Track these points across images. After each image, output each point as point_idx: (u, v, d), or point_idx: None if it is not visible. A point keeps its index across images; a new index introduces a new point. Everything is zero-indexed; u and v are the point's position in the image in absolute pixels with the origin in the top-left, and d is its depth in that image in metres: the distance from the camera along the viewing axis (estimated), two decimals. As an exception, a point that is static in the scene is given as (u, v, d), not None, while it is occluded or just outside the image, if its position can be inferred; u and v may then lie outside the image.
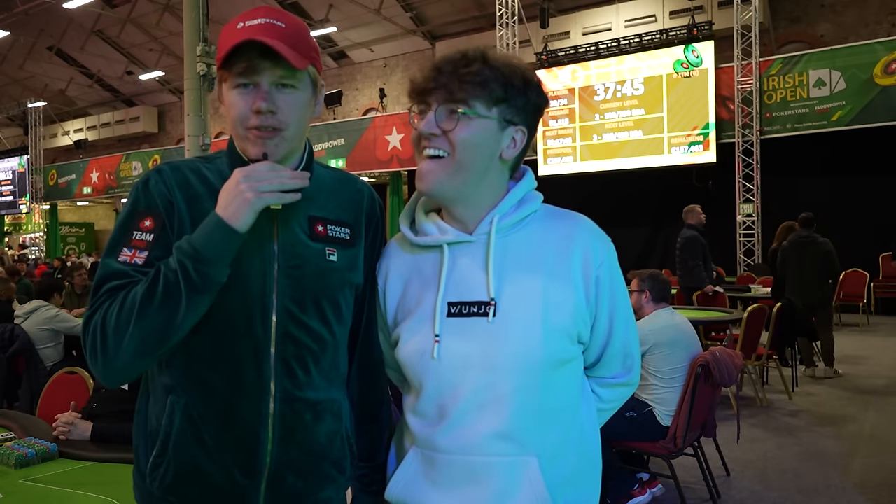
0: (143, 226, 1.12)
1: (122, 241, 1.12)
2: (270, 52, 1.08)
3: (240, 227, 1.04)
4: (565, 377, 1.17)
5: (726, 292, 7.10)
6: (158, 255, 1.10)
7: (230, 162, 1.19)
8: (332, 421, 1.20)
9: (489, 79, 1.11)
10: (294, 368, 1.15)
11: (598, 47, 12.19)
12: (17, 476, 1.84)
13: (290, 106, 1.12)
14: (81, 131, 22.69)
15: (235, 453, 1.12)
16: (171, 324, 1.04)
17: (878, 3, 11.94)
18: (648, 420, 3.27)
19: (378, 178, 15.78)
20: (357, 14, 15.84)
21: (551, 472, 1.13)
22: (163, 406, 1.14)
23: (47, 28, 18.87)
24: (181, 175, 1.16)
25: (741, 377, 5.67)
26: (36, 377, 4.59)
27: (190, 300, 1.04)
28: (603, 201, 11.37)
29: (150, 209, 1.13)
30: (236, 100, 1.11)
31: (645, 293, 3.60)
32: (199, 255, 1.03)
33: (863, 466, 4.01)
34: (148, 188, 1.14)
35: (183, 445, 1.12)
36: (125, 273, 1.09)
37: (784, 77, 10.77)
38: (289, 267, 1.15)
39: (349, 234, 1.22)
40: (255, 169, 1.07)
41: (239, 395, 1.12)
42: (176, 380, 1.14)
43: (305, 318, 1.16)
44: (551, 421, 1.14)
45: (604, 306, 1.17)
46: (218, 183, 1.15)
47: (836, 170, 10.29)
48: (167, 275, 1.04)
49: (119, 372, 1.07)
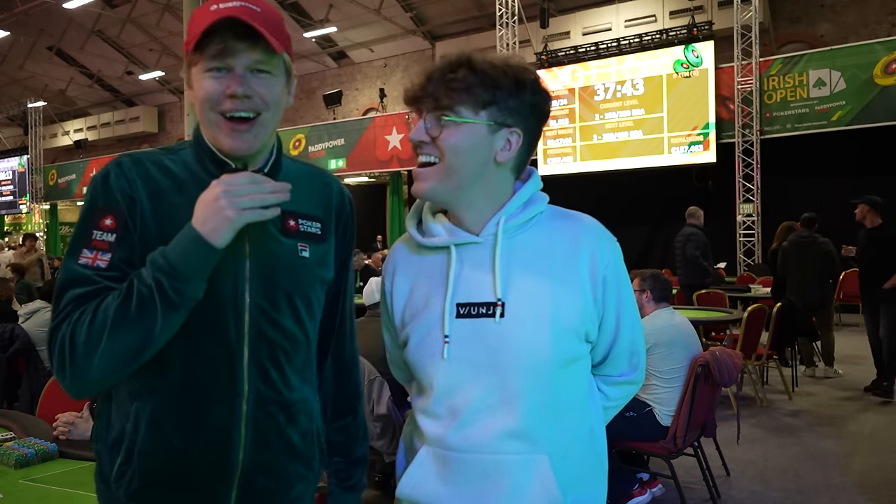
0: (104, 225, 1.05)
1: (82, 241, 1.05)
2: (248, 33, 1.04)
3: (219, 244, 1.00)
4: (574, 375, 1.18)
5: (726, 292, 7.10)
6: (123, 256, 1.05)
7: (196, 153, 1.14)
8: (305, 421, 1.18)
9: (473, 84, 1.11)
10: (268, 369, 1.12)
11: (598, 47, 12.20)
12: (17, 476, 1.84)
13: (267, 91, 1.08)
14: (81, 131, 22.69)
15: (206, 457, 1.09)
16: (146, 340, 1.00)
17: (878, 3, 11.94)
18: (648, 420, 3.27)
19: (378, 178, 15.79)
20: (357, 14, 15.83)
21: (562, 471, 1.13)
22: (127, 412, 1.09)
23: (47, 28, 18.86)
24: (143, 168, 1.10)
25: (741, 377, 5.67)
26: (36, 377, 4.58)
27: (166, 317, 0.99)
28: (603, 201, 11.35)
29: (111, 206, 1.06)
30: (208, 84, 1.06)
31: (646, 293, 3.60)
32: (176, 272, 0.99)
33: (863, 466, 4.01)
34: (107, 183, 1.07)
35: (149, 453, 1.07)
36: (89, 278, 1.03)
37: (784, 77, 10.77)
38: (261, 265, 1.11)
39: (320, 228, 1.19)
40: (236, 182, 1.01)
41: (211, 398, 1.08)
42: (143, 385, 1.08)
43: (279, 316, 1.12)
44: (561, 419, 1.15)
45: (611, 306, 1.18)
46: (182, 174, 1.11)
47: (836, 170, 10.28)
48: (141, 290, 0.99)
49: (88, 386, 1.03)
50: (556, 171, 12.55)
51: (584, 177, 12.28)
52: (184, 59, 1.12)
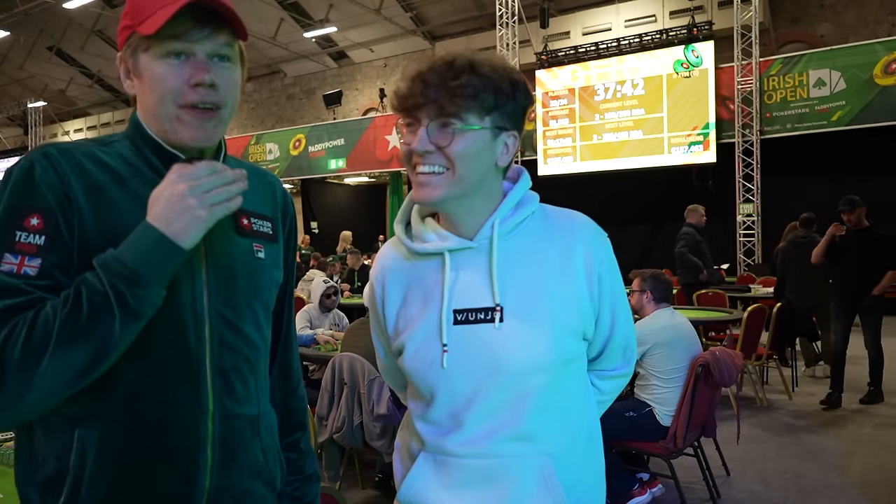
0: (29, 225, 0.90)
1: (3, 244, 0.89)
2: (211, 17, 0.95)
3: (188, 246, 0.90)
4: (573, 374, 1.17)
5: (726, 292, 7.10)
6: (55, 261, 0.91)
7: (135, 146, 1.02)
8: (267, 436, 1.10)
9: (480, 89, 1.07)
10: (232, 381, 1.02)
11: (598, 47, 12.21)
12: (16, 476, 1.83)
13: (230, 81, 1.00)
14: (81, 131, 22.70)
15: (168, 486, 0.96)
16: (98, 355, 0.87)
17: (878, 3, 11.95)
18: (648, 420, 3.27)
19: (378, 178, 15.80)
20: (357, 14, 15.84)
21: (564, 471, 1.13)
22: (67, 443, 0.93)
23: (47, 28, 18.86)
24: (74, 160, 0.96)
25: (741, 377, 5.66)
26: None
27: (124, 328, 0.87)
28: (603, 201, 11.36)
29: (36, 204, 0.91)
30: (165, 72, 0.96)
31: (646, 293, 3.60)
32: (137, 277, 0.87)
33: (863, 466, 4.01)
34: (32, 178, 0.92)
35: (99, 488, 0.93)
36: (16, 288, 0.88)
37: (784, 77, 10.77)
38: (219, 267, 1.02)
39: (271, 228, 1.12)
40: (198, 174, 0.91)
41: (172, 417, 0.96)
42: (86, 409, 0.93)
43: (240, 323, 1.03)
44: (563, 419, 1.14)
45: (606, 302, 1.18)
46: (122, 169, 0.99)
47: (836, 170, 10.28)
48: (93, 299, 0.86)
49: (21, 413, 0.88)
50: (556, 171, 12.56)
51: (584, 177, 12.28)
52: (121, 42, 1.01)
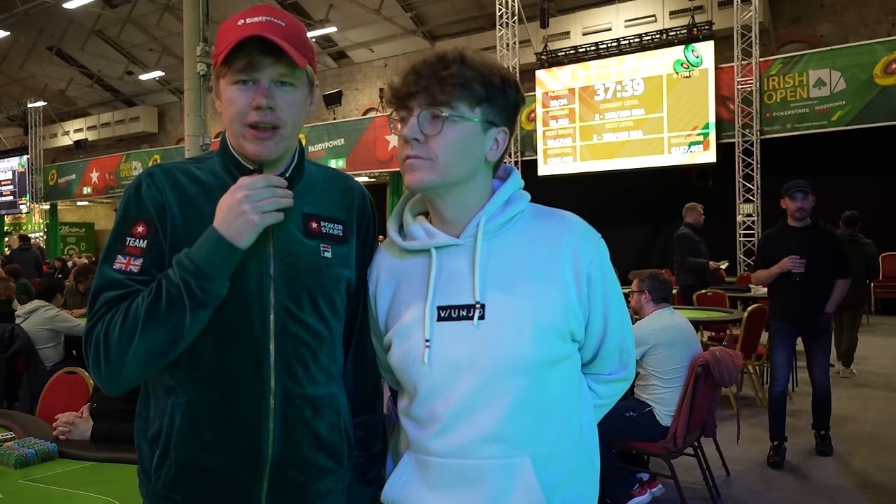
0: (136, 232, 1.14)
1: (117, 248, 1.14)
2: (271, 49, 1.10)
3: (242, 246, 1.07)
4: (560, 376, 1.16)
5: (726, 292, 7.10)
6: (153, 260, 1.13)
7: (223, 161, 1.21)
8: (332, 415, 1.22)
9: (470, 79, 1.10)
10: (293, 365, 1.17)
11: (598, 47, 12.20)
12: (17, 476, 1.84)
13: (289, 104, 1.15)
14: (81, 131, 22.67)
15: (237, 450, 1.14)
16: (175, 337, 1.07)
17: (878, 3, 11.94)
18: (648, 420, 3.27)
19: (378, 178, 15.77)
20: (357, 14, 15.83)
21: (546, 473, 1.12)
22: (164, 407, 1.16)
23: (47, 28, 18.85)
24: (172, 177, 1.18)
25: (741, 377, 5.66)
26: (36, 377, 4.58)
27: (193, 315, 1.07)
28: (603, 201, 11.37)
29: (142, 215, 1.15)
30: (235, 96, 1.13)
31: (645, 293, 3.60)
32: (201, 272, 1.06)
33: (863, 466, 4.01)
34: (139, 193, 1.16)
35: (184, 445, 1.14)
36: (121, 282, 1.11)
37: (784, 77, 10.77)
38: (284, 265, 1.17)
39: (342, 230, 1.25)
40: (255, 186, 1.08)
41: (239, 393, 1.14)
42: (177, 381, 1.15)
43: (302, 314, 1.18)
44: (546, 421, 1.13)
45: (597, 304, 1.16)
46: (211, 182, 1.18)
47: (837, 170, 10.28)
48: (170, 290, 1.06)
49: (123, 382, 1.10)
50: (555, 171, 12.56)
51: (584, 177, 12.28)
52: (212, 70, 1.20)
